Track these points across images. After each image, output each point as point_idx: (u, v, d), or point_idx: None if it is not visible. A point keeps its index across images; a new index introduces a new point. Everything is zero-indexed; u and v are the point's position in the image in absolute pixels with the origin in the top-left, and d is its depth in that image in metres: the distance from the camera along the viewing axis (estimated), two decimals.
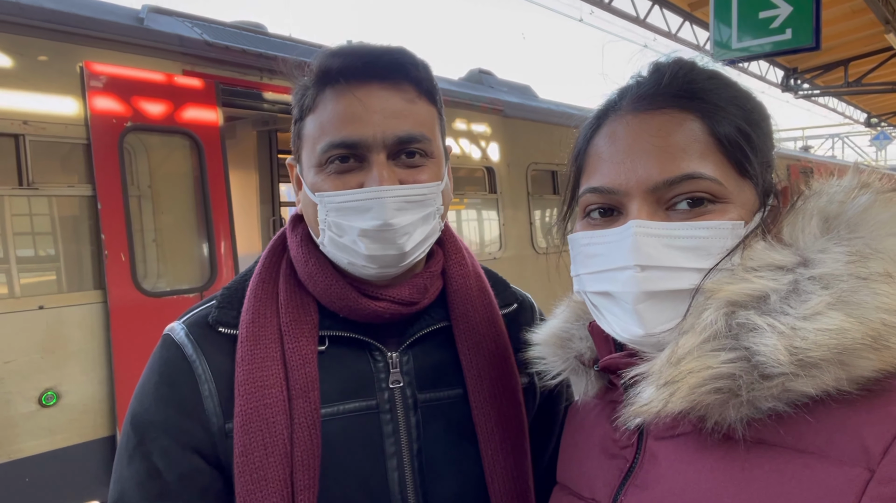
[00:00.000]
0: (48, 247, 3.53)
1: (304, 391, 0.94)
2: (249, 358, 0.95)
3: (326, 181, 0.94)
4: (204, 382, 0.96)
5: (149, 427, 0.95)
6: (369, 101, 0.92)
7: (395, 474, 0.97)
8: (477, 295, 1.08)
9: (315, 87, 0.96)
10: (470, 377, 1.02)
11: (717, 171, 0.73)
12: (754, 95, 0.80)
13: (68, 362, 3.43)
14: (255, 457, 0.91)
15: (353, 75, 0.93)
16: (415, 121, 0.95)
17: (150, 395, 0.97)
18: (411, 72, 0.96)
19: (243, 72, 4.35)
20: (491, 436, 1.00)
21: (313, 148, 0.95)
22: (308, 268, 1.01)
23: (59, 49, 3.49)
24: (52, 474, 3.37)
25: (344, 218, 0.93)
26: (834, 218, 0.73)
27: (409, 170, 0.95)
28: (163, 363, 0.99)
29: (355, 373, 1.00)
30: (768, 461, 0.66)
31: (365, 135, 0.91)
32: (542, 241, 7.00)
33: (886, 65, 11.63)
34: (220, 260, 4.11)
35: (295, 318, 0.98)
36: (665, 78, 0.77)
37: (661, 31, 10.95)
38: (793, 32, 4.67)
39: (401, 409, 1.00)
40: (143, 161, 3.86)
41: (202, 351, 0.98)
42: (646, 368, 0.72)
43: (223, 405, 0.95)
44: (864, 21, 9.60)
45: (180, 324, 1.02)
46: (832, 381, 0.62)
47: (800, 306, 0.65)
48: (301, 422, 0.93)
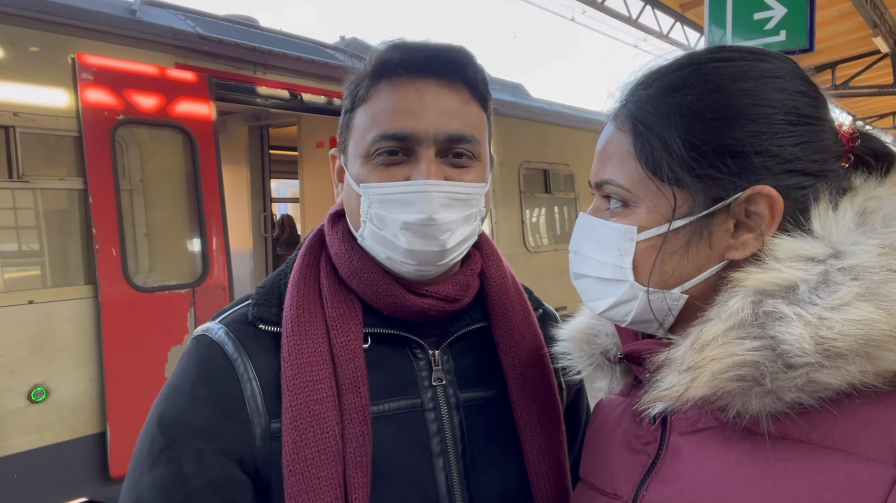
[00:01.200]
0: (38, 241, 3.49)
1: (353, 386, 0.92)
2: (297, 353, 0.93)
3: (372, 173, 0.93)
4: (247, 381, 0.93)
5: (182, 429, 0.90)
6: (425, 96, 0.92)
7: (443, 474, 0.96)
8: (515, 296, 1.08)
9: (371, 79, 0.95)
10: (511, 377, 1.02)
11: (625, 178, 0.79)
12: (731, 93, 0.75)
13: (58, 358, 3.39)
14: (306, 454, 0.88)
15: (411, 69, 0.93)
16: (466, 121, 0.95)
17: (184, 396, 0.92)
18: (469, 73, 0.96)
19: (237, 66, 4.32)
20: (534, 435, 1.00)
21: (362, 138, 0.95)
22: (352, 265, 0.99)
23: (51, 40, 3.44)
24: (41, 471, 3.33)
25: (387, 210, 0.92)
26: (870, 213, 0.72)
27: (457, 169, 0.95)
28: (200, 362, 0.95)
29: (399, 371, 0.99)
30: (793, 457, 0.66)
31: (417, 128, 0.91)
32: (534, 239, 7.02)
33: (873, 68, 11.74)
34: (212, 255, 4.07)
35: (341, 313, 0.97)
36: (617, 101, 0.84)
37: (652, 31, 10.99)
38: (787, 34, 4.70)
39: (444, 408, 0.99)
40: (134, 155, 3.82)
41: (244, 348, 0.94)
42: (668, 354, 0.72)
43: (268, 404, 0.92)
44: (852, 24, 9.69)
45: (216, 323, 0.98)
46: (858, 374, 0.62)
47: (828, 297, 0.65)
48: (352, 418, 0.91)
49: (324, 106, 4.86)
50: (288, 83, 4.61)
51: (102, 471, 3.53)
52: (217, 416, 0.91)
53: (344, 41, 6.07)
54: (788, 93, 0.75)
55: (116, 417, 3.53)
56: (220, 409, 0.91)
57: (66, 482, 3.43)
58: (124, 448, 3.57)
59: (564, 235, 7.47)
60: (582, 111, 8.15)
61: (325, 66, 4.80)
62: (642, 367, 0.79)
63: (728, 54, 0.77)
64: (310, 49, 4.99)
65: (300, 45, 4.97)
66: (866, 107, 17.49)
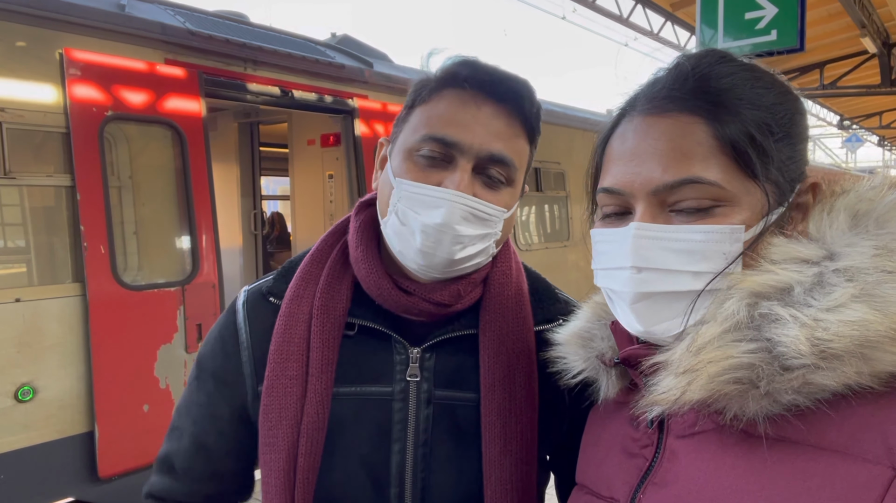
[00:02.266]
0: (25, 238, 3.45)
1: (319, 371, 1.04)
2: (282, 331, 1.06)
3: (410, 170, 0.99)
4: (244, 349, 1.11)
5: (203, 369, 1.16)
6: (480, 114, 0.98)
7: (398, 457, 1.04)
8: (512, 307, 1.10)
9: (436, 84, 1.01)
10: (484, 384, 1.05)
11: (720, 174, 0.72)
12: (786, 90, 0.79)
13: (45, 356, 3.36)
14: (271, 417, 1.04)
15: (476, 85, 0.98)
16: (510, 147, 0.99)
17: (209, 344, 1.16)
18: (526, 107, 1.01)
19: (227, 62, 4.28)
20: (492, 443, 1.03)
21: (412, 135, 1.00)
22: (357, 252, 1.07)
23: (38, 35, 3.40)
24: (28, 471, 3.29)
25: (412, 208, 0.97)
26: (863, 215, 0.73)
27: (488, 190, 0.99)
28: (223, 323, 1.15)
29: (377, 361, 1.07)
30: (790, 458, 0.66)
31: (463, 139, 0.96)
32: (524, 237, 7.02)
33: (861, 68, 11.84)
34: (202, 253, 4.04)
35: (324, 304, 1.06)
36: (678, 80, 0.77)
37: (643, 30, 11.03)
38: (778, 34, 4.73)
39: (413, 401, 1.05)
40: (123, 151, 3.78)
41: (248, 320, 1.12)
42: (665, 357, 0.72)
43: (257, 371, 1.09)
44: (840, 24, 9.78)
45: (244, 291, 1.16)
46: (854, 375, 0.62)
47: (823, 298, 0.65)
48: (311, 398, 1.03)
49: (315, 103, 4.83)
50: (278, 80, 4.58)
51: (90, 471, 3.49)
52: (222, 370, 1.13)
53: (335, 38, 6.04)
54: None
55: (104, 417, 3.50)
56: (225, 365, 1.13)
57: (53, 482, 3.40)
58: (112, 447, 3.53)
59: (555, 233, 7.48)
60: (573, 109, 8.16)
61: (316, 63, 4.78)
62: (639, 371, 0.79)
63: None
64: (301, 46, 4.96)
65: (291, 41, 4.94)
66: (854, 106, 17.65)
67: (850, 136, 23.59)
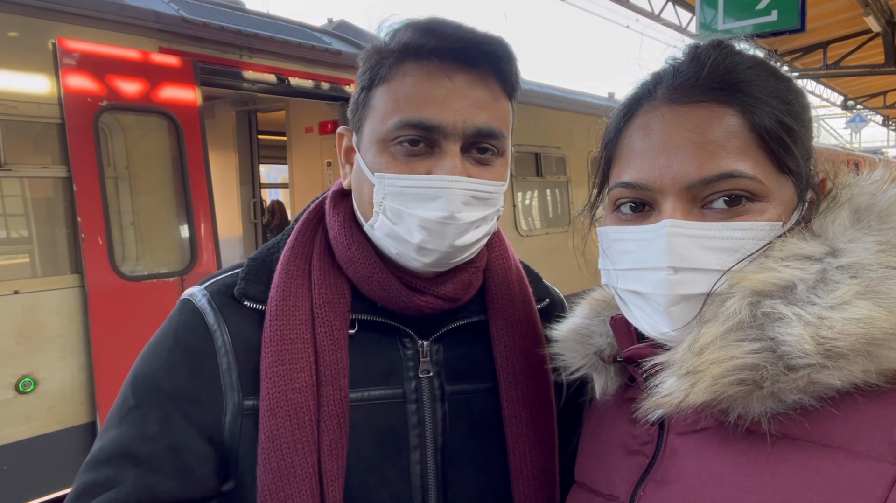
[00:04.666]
0: (22, 230, 3.44)
1: (333, 377, 0.90)
2: (279, 338, 0.90)
3: (391, 163, 0.88)
4: (224, 355, 0.92)
5: (153, 391, 0.91)
6: (455, 86, 0.86)
7: (418, 467, 0.94)
8: (517, 290, 1.04)
9: (395, 58, 0.89)
10: (503, 373, 0.98)
11: (757, 168, 0.70)
12: (795, 83, 0.77)
13: (45, 348, 3.36)
14: (282, 443, 0.87)
15: (443, 56, 0.86)
16: (495, 115, 0.90)
17: (160, 359, 0.93)
18: (503, 65, 0.91)
19: (222, 50, 4.24)
20: (520, 433, 0.97)
21: (382, 122, 0.88)
22: (350, 253, 0.95)
23: (31, 25, 3.36)
24: (30, 462, 3.31)
25: (404, 204, 0.87)
26: (865, 209, 0.71)
27: (479, 167, 0.90)
28: (181, 328, 0.94)
29: (384, 359, 0.96)
30: (793, 456, 0.65)
31: (444, 120, 0.85)
32: (526, 223, 7.00)
33: (864, 47, 11.72)
34: (201, 243, 4.03)
35: (329, 300, 0.94)
36: (705, 68, 0.73)
37: (643, 11, 10.92)
38: (778, 14, 4.67)
39: (427, 400, 0.96)
40: (119, 141, 3.76)
41: (225, 321, 0.93)
42: (667, 357, 0.70)
43: (242, 380, 0.91)
44: (843, 3, 9.65)
45: (201, 289, 0.97)
46: (860, 374, 0.61)
47: (827, 296, 0.63)
48: (329, 409, 0.89)
49: (312, 90, 4.80)
50: (275, 67, 4.54)
51: None
52: (189, 385, 0.91)
53: (332, 24, 5.99)
54: None
55: (106, 407, 3.51)
56: (194, 379, 0.91)
57: (55, 472, 3.42)
58: None
59: (556, 218, 7.45)
60: (573, 93, 8.10)
61: (312, 50, 4.73)
62: (641, 370, 0.77)
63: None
64: (297, 32, 4.91)
65: (287, 28, 4.90)
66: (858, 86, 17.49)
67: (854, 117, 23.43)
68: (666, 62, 0.78)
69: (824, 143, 13.35)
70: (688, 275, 0.70)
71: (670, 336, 0.73)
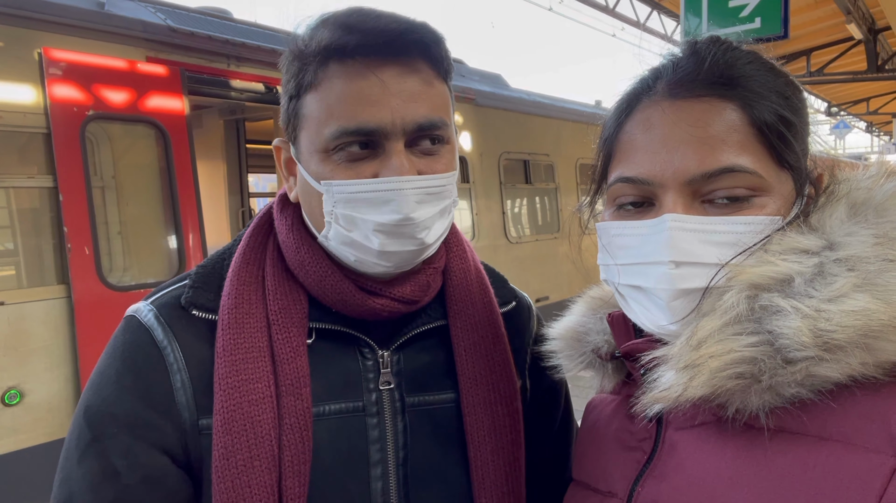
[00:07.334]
0: (8, 240, 3.41)
1: (294, 387, 0.85)
2: (232, 348, 0.85)
3: (336, 170, 0.84)
4: (176, 372, 0.86)
5: (108, 421, 0.84)
6: (387, 82, 0.82)
7: (379, 483, 0.89)
8: (477, 292, 1.00)
9: (318, 61, 0.84)
10: (464, 380, 0.94)
11: (757, 162, 0.70)
12: (793, 78, 0.77)
13: (32, 359, 3.32)
14: (238, 460, 0.81)
15: (369, 52, 0.81)
16: (433, 105, 0.85)
17: (110, 385, 0.86)
18: (432, 50, 0.86)
19: (210, 59, 4.24)
20: (482, 445, 0.92)
21: (318, 131, 0.84)
22: (300, 257, 0.91)
23: (16, 35, 3.35)
24: (16, 475, 3.26)
25: (356, 210, 0.83)
26: (861, 204, 0.71)
27: (427, 158, 0.86)
28: (127, 348, 0.88)
29: (342, 370, 0.91)
30: (791, 449, 0.65)
31: (383, 121, 0.81)
32: (515, 230, 7.01)
33: (847, 55, 11.87)
34: (189, 252, 4.01)
35: (284, 307, 0.88)
36: (705, 63, 0.73)
37: (629, 20, 11.03)
38: (762, 21, 4.73)
39: (388, 413, 0.92)
40: (106, 151, 3.74)
41: (175, 336, 0.87)
42: (665, 351, 0.70)
43: (197, 398, 0.85)
44: (826, 11, 9.78)
45: (147, 304, 0.90)
46: (858, 366, 0.61)
47: (825, 288, 0.64)
48: (291, 422, 0.83)
49: None
50: (263, 76, 4.54)
51: None
52: (144, 409, 0.84)
53: None
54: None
55: None
56: (147, 401, 0.84)
57: (42, 486, 3.37)
58: None
59: (546, 226, 7.47)
60: (561, 101, 8.14)
61: None
62: (638, 365, 0.77)
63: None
64: (285, 41, 4.90)
65: (275, 37, 4.90)
66: (841, 93, 17.72)
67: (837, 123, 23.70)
68: (664, 58, 0.78)
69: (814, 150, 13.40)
70: (689, 269, 0.70)
71: (668, 329, 0.73)
